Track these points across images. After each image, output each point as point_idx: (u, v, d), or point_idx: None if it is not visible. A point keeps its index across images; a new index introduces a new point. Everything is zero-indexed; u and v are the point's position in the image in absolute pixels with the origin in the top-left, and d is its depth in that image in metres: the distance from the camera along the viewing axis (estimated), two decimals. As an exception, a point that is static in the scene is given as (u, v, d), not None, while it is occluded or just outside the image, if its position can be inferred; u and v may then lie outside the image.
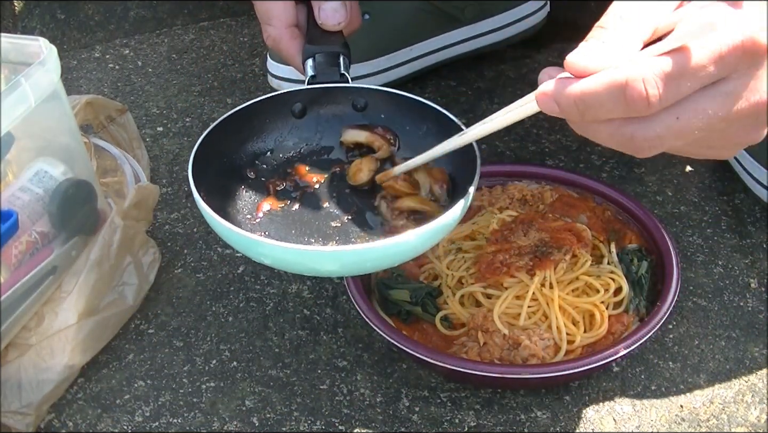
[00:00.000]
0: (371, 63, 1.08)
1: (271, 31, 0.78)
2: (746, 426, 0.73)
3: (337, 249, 0.66)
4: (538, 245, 0.79)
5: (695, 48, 0.49)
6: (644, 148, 0.52)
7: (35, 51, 0.74)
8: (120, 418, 0.75)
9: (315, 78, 0.76)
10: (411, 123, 0.77)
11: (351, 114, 0.78)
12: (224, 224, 0.65)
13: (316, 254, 0.64)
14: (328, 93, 0.77)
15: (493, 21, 1.12)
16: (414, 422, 0.74)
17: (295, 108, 0.77)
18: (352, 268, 0.68)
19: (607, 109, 0.51)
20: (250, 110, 0.74)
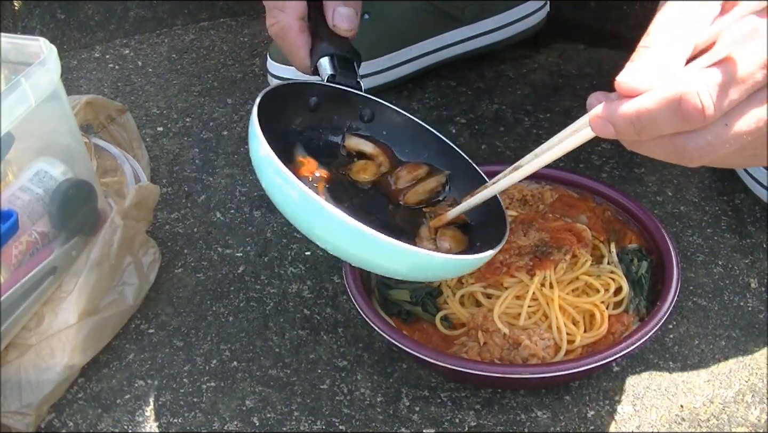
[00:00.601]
0: (371, 63, 1.08)
1: (282, 18, 0.76)
2: (746, 426, 0.73)
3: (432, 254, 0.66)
4: (538, 245, 0.79)
5: (742, 56, 0.50)
6: (695, 158, 0.53)
7: (35, 51, 0.74)
8: (120, 418, 0.75)
9: (334, 77, 0.76)
10: (411, 147, 0.78)
11: (356, 122, 0.78)
12: (332, 210, 0.62)
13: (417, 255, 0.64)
14: (342, 95, 0.77)
15: (493, 21, 1.13)
16: (414, 422, 0.74)
17: (312, 101, 0.76)
18: (421, 274, 0.70)
19: (663, 125, 0.52)
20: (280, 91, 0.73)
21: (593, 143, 1.01)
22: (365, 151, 0.77)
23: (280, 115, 0.72)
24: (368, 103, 0.78)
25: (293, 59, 0.79)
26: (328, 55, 0.76)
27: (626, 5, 1.21)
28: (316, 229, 0.65)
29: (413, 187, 0.76)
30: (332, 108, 0.77)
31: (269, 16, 0.77)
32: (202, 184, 0.98)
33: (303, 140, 0.75)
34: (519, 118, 1.06)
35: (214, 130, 1.06)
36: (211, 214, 0.94)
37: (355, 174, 0.75)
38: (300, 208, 0.65)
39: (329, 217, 0.63)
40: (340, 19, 0.76)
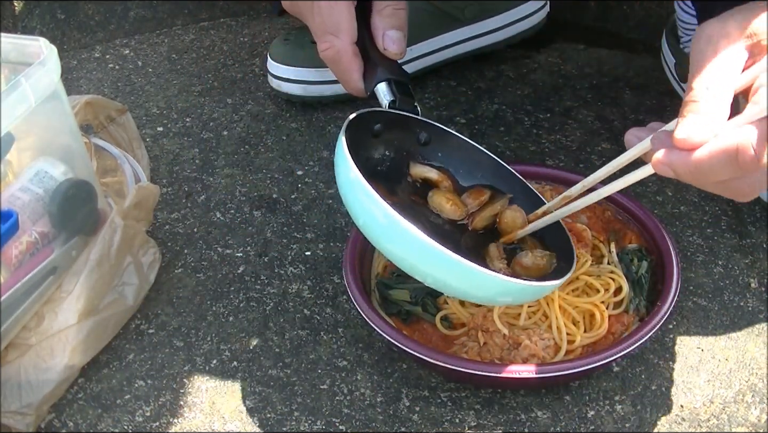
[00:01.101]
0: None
1: (337, 43, 0.77)
2: (746, 426, 0.73)
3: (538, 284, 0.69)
4: (538, 245, 0.79)
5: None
6: (748, 194, 0.61)
7: (35, 51, 0.74)
8: (120, 418, 0.75)
9: (395, 103, 0.77)
10: (465, 168, 0.79)
11: (413, 145, 0.79)
12: (438, 247, 0.64)
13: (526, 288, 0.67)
14: (401, 120, 0.77)
15: (493, 21, 1.13)
16: (414, 422, 0.74)
17: (377, 128, 0.76)
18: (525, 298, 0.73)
19: (720, 173, 0.58)
20: (356, 120, 0.73)
21: (593, 143, 1.02)
22: (430, 177, 0.78)
23: (351, 143, 0.72)
24: (426, 126, 0.79)
25: (347, 82, 0.79)
26: (385, 81, 0.77)
27: (626, 5, 1.21)
28: (411, 258, 0.67)
29: (480, 213, 0.77)
30: (392, 133, 0.77)
31: (322, 41, 0.77)
32: (202, 184, 0.98)
33: (368, 167, 0.75)
34: (519, 118, 1.06)
35: (214, 130, 1.06)
36: (211, 214, 0.94)
37: (436, 205, 0.76)
38: (407, 244, 0.66)
39: (431, 251, 0.65)
40: (390, 43, 0.77)
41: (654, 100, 1.08)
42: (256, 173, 0.99)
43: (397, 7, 0.78)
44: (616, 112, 1.07)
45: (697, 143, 0.58)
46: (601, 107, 1.08)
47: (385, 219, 0.66)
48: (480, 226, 0.76)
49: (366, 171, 0.70)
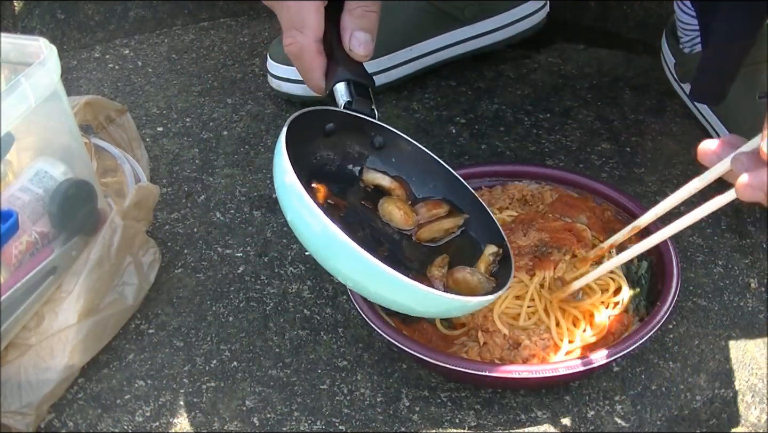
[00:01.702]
0: (371, 63, 1.07)
1: (301, 39, 0.76)
2: (746, 426, 0.73)
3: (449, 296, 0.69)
4: (538, 245, 0.79)
5: None
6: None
7: (35, 51, 0.74)
8: (120, 418, 0.75)
9: (351, 104, 0.76)
10: (418, 176, 0.79)
11: (367, 149, 0.79)
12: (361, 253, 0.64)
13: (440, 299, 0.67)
14: (356, 122, 0.77)
15: (493, 21, 1.12)
16: (414, 422, 0.74)
17: (328, 127, 0.76)
18: (435, 312, 0.74)
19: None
20: (302, 117, 0.73)
21: (593, 143, 1.02)
22: (382, 185, 0.78)
23: (298, 140, 0.72)
24: (381, 130, 0.79)
25: (308, 80, 0.79)
26: (344, 81, 0.76)
27: (626, 5, 1.21)
28: (337, 264, 0.67)
29: (428, 225, 0.77)
30: (346, 134, 0.77)
31: (287, 36, 0.77)
32: (202, 184, 0.98)
33: (316, 165, 0.76)
34: (519, 118, 1.06)
35: (214, 130, 1.06)
36: (211, 214, 0.94)
37: (386, 214, 0.76)
38: (322, 242, 0.66)
39: (356, 257, 0.64)
40: (357, 44, 0.77)
41: (654, 100, 1.08)
42: (256, 173, 0.99)
43: (369, 8, 0.77)
44: (616, 112, 1.07)
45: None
46: (601, 107, 1.08)
47: (320, 228, 0.65)
48: (425, 237, 0.77)
49: (313, 169, 0.71)
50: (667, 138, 1.02)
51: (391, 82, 1.10)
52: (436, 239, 0.77)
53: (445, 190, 0.79)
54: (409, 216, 0.76)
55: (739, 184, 0.59)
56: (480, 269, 0.74)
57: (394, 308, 0.70)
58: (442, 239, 0.77)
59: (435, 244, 0.77)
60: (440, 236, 0.77)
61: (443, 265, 0.74)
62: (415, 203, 0.78)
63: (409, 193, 0.79)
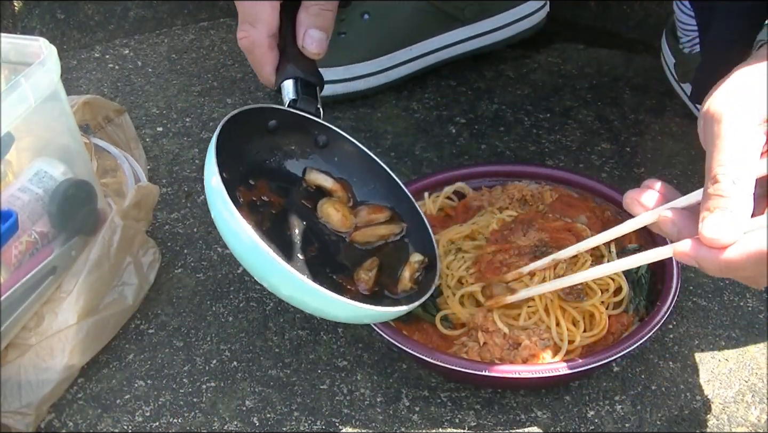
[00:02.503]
0: (371, 63, 1.08)
1: (253, 33, 0.77)
2: (746, 426, 0.73)
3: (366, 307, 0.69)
4: (538, 245, 0.79)
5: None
6: (762, 285, 0.59)
7: (35, 51, 0.74)
8: (120, 418, 0.75)
9: (296, 102, 0.77)
10: (359, 176, 0.80)
11: (310, 147, 0.79)
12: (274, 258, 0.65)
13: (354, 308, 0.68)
14: (301, 120, 0.78)
15: (493, 21, 1.12)
16: (414, 422, 0.74)
17: (271, 124, 0.77)
18: (355, 320, 0.74)
19: (749, 271, 0.57)
20: (242, 115, 0.74)
21: (593, 143, 1.02)
22: (324, 186, 0.79)
23: (239, 136, 0.73)
24: (324, 130, 0.79)
25: (259, 74, 0.79)
26: (292, 78, 0.77)
27: (626, 5, 1.21)
28: (250, 265, 0.68)
29: (365, 228, 0.78)
30: (289, 132, 0.78)
31: (240, 29, 0.78)
32: (201, 184, 0.98)
33: (257, 162, 0.76)
34: (519, 118, 1.06)
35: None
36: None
37: (324, 215, 0.77)
38: (240, 244, 0.67)
39: (269, 261, 0.65)
40: (310, 42, 0.77)
41: (654, 100, 1.08)
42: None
43: (325, 7, 0.78)
44: (616, 112, 1.07)
45: (727, 243, 0.56)
46: (601, 107, 1.08)
47: (231, 222, 0.66)
48: (358, 240, 0.77)
49: (253, 165, 0.72)
50: (667, 138, 1.02)
51: (391, 82, 1.10)
52: (370, 243, 0.78)
53: (384, 192, 0.80)
54: (347, 219, 0.77)
55: (678, 252, 0.59)
56: (405, 276, 0.75)
57: (309, 312, 0.72)
58: (375, 243, 0.78)
59: (367, 247, 0.78)
60: (374, 240, 0.78)
61: (371, 268, 0.75)
62: (356, 206, 0.79)
63: (351, 195, 0.80)
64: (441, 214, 0.88)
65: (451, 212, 0.87)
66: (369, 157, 0.81)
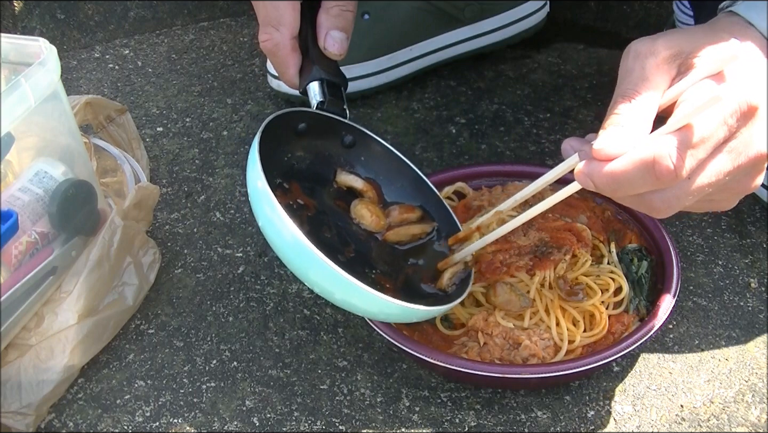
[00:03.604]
0: (371, 63, 1.08)
1: (276, 36, 0.77)
2: (746, 426, 0.73)
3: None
4: (538, 245, 0.79)
5: (705, 120, 0.56)
6: (662, 210, 0.60)
7: (35, 51, 0.74)
8: (120, 418, 0.75)
9: (323, 104, 0.77)
10: (386, 175, 0.81)
11: (337, 148, 0.80)
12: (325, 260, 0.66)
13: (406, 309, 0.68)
14: (328, 121, 0.78)
15: (493, 21, 1.13)
16: (414, 422, 0.74)
17: (301, 127, 0.77)
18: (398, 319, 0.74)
19: (637, 185, 0.57)
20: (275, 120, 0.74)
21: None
22: (355, 186, 0.79)
23: (271, 140, 0.73)
24: (351, 130, 0.80)
25: (282, 76, 0.80)
26: (318, 80, 0.77)
27: (626, 5, 1.21)
28: (302, 270, 0.68)
29: (397, 228, 0.79)
30: (317, 133, 0.78)
31: (263, 32, 0.77)
32: (202, 184, 0.98)
33: (288, 165, 0.77)
34: (519, 118, 1.06)
35: (214, 130, 1.06)
36: (211, 215, 0.94)
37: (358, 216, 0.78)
38: (291, 249, 0.67)
39: (320, 265, 0.66)
40: (332, 43, 0.77)
41: (654, 100, 1.08)
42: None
43: (345, 8, 0.78)
44: (616, 112, 1.06)
45: (612, 154, 0.57)
46: (601, 107, 1.08)
47: (282, 228, 0.67)
48: (391, 240, 0.78)
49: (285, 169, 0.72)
50: (667, 138, 1.02)
51: (391, 82, 1.10)
52: (402, 243, 0.78)
53: (411, 190, 0.81)
54: (380, 219, 0.78)
55: (576, 170, 0.60)
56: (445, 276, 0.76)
57: (356, 312, 0.72)
58: (408, 243, 0.78)
59: (400, 246, 0.78)
60: (407, 240, 0.78)
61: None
62: (387, 206, 0.80)
63: (380, 195, 0.80)
64: (441, 214, 0.88)
65: (452, 212, 0.87)
66: (395, 156, 0.81)
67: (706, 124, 0.56)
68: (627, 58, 0.61)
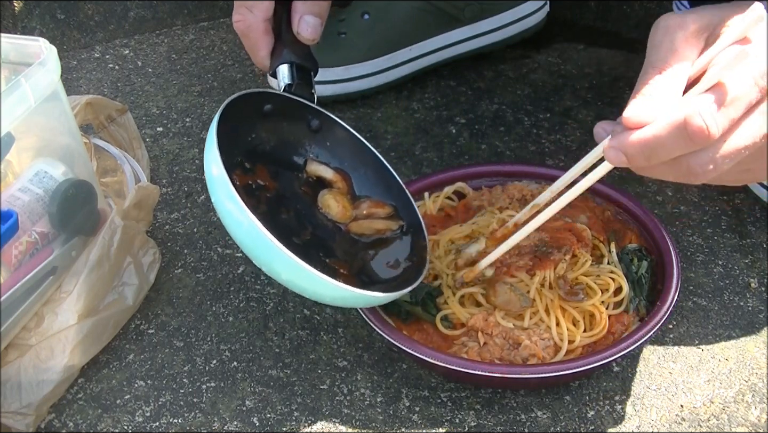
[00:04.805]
0: (371, 63, 1.08)
1: (249, 17, 0.77)
2: (746, 426, 0.73)
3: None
4: (538, 245, 0.79)
5: (735, 78, 0.56)
6: (700, 175, 0.58)
7: (35, 51, 0.74)
8: (120, 418, 0.75)
9: (291, 87, 0.78)
10: (351, 162, 0.81)
11: (303, 131, 0.80)
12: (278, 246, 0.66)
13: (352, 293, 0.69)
14: (295, 104, 0.78)
15: (493, 21, 1.13)
16: (414, 422, 0.74)
17: (267, 109, 0.77)
18: (347, 304, 0.76)
19: (670, 148, 0.56)
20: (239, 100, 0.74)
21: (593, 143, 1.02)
22: (324, 177, 0.80)
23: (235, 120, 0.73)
24: (318, 114, 0.80)
25: (254, 57, 0.80)
26: (288, 63, 0.78)
27: (626, 5, 1.21)
28: (247, 246, 0.68)
29: (362, 220, 0.79)
30: (283, 116, 0.78)
31: (236, 12, 0.78)
32: (202, 184, 0.98)
33: (253, 145, 0.77)
34: (519, 118, 1.06)
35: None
36: (211, 215, 0.94)
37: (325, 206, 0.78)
38: (235, 222, 0.68)
39: (264, 242, 0.66)
40: (305, 27, 0.78)
41: (654, 100, 1.08)
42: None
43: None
44: (616, 112, 1.05)
45: (643, 121, 0.57)
46: (601, 107, 1.08)
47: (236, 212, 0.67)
48: (354, 231, 0.78)
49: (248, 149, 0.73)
50: (667, 138, 1.02)
51: (391, 82, 1.10)
52: (365, 235, 0.78)
53: (374, 179, 0.81)
54: (347, 210, 0.78)
55: (604, 147, 0.60)
56: None
57: (304, 295, 0.72)
58: (371, 236, 0.79)
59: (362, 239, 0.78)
60: (370, 233, 0.79)
61: None
62: (356, 199, 0.80)
63: (350, 187, 0.81)
64: (441, 214, 0.88)
65: (452, 212, 0.87)
66: (360, 143, 0.81)
67: (737, 84, 0.56)
68: (656, 32, 0.61)
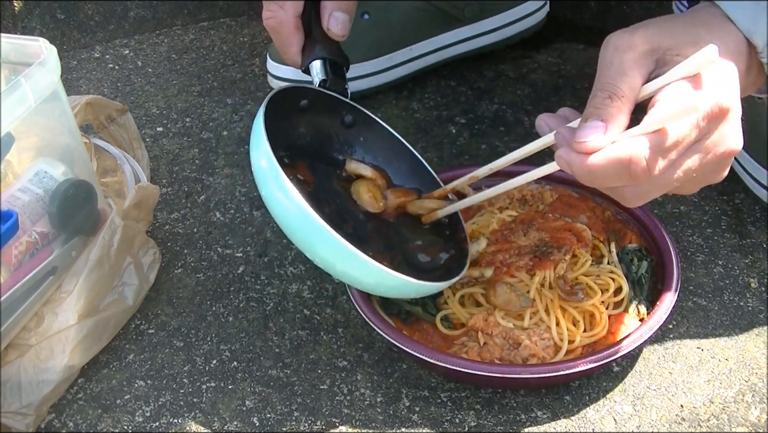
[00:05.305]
0: (371, 63, 1.08)
1: (280, 14, 0.78)
2: (746, 426, 0.73)
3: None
4: (538, 245, 0.79)
5: (679, 124, 0.59)
6: (632, 202, 0.64)
7: (35, 51, 0.74)
8: (120, 418, 0.75)
9: (325, 82, 0.78)
10: (384, 156, 0.82)
11: (337, 127, 0.81)
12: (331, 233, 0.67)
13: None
14: (329, 99, 0.79)
15: (493, 21, 1.12)
16: (414, 422, 0.74)
17: (303, 104, 0.78)
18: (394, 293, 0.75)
19: (612, 180, 0.61)
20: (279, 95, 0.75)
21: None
22: (364, 174, 0.80)
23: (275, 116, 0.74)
24: (352, 110, 0.81)
25: (285, 54, 0.81)
26: (320, 59, 0.79)
27: (626, 5, 1.21)
28: (307, 242, 0.69)
29: (417, 201, 0.80)
30: (318, 111, 0.79)
31: (267, 9, 0.79)
32: (202, 184, 0.98)
33: (291, 140, 0.77)
34: (519, 118, 1.06)
35: (214, 130, 1.06)
36: (211, 215, 0.94)
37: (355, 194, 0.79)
38: (296, 221, 0.68)
39: (324, 235, 0.67)
40: (335, 23, 0.79)
41: (654, 100, 1.08)
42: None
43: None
44: (616, 112, 1.06)
45: (592, 149, 0.60)
46: (601, 107, 1.08)
47: (291, 205, 0.68)
48: (413, 211, 0.79)
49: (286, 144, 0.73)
50: (667, 138, 1.02)
51: (391, 82, 1.10)
52: (420, 216, 0.79)
53: (408, 172, 0.82)
54: (377, 200, 0.79)
55: (556, 154, 0.62)
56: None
57: (355, 285, 0.74)
58: (420, 224, 0.79)
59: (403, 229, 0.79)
60: (424, 213, 0.79)
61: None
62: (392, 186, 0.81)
63: (389, 182, 0.81)
64: (441, 215, 0.88)
65: (451, 212, 0.87)
66: (395, 138, 0.82)
67: (680, 128, 0.59)
68: (606, 50, 0.64)
